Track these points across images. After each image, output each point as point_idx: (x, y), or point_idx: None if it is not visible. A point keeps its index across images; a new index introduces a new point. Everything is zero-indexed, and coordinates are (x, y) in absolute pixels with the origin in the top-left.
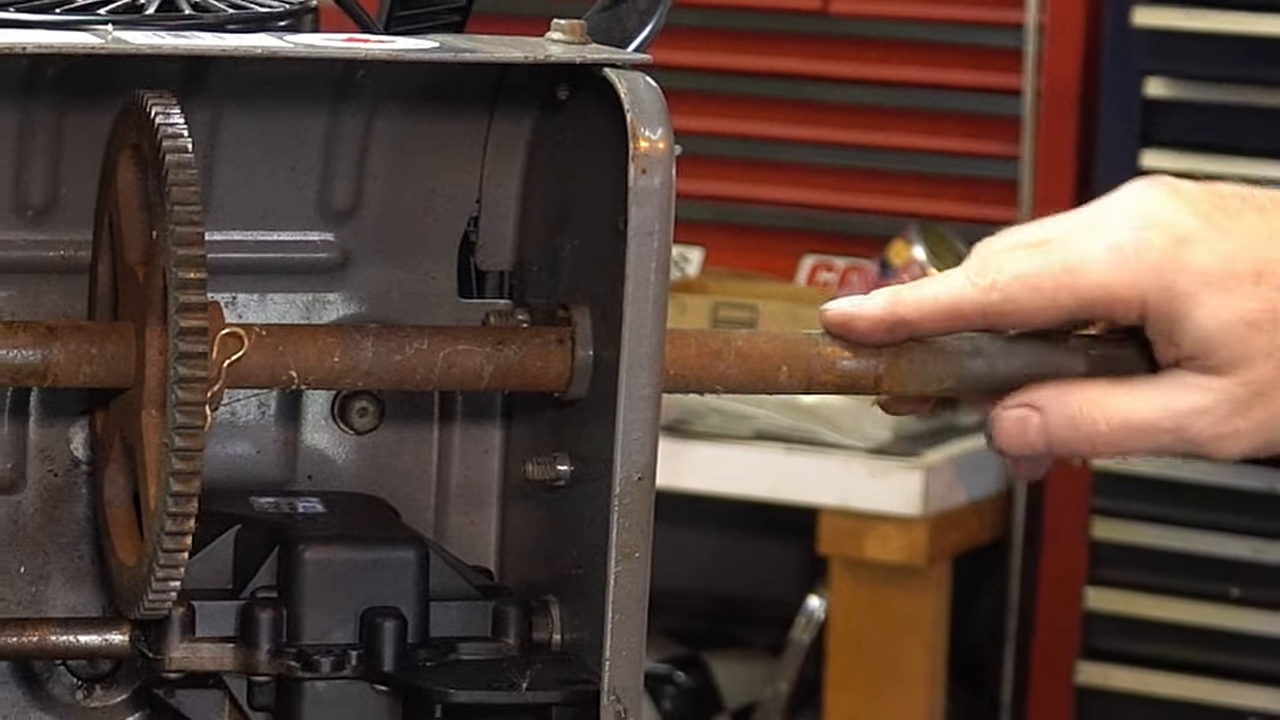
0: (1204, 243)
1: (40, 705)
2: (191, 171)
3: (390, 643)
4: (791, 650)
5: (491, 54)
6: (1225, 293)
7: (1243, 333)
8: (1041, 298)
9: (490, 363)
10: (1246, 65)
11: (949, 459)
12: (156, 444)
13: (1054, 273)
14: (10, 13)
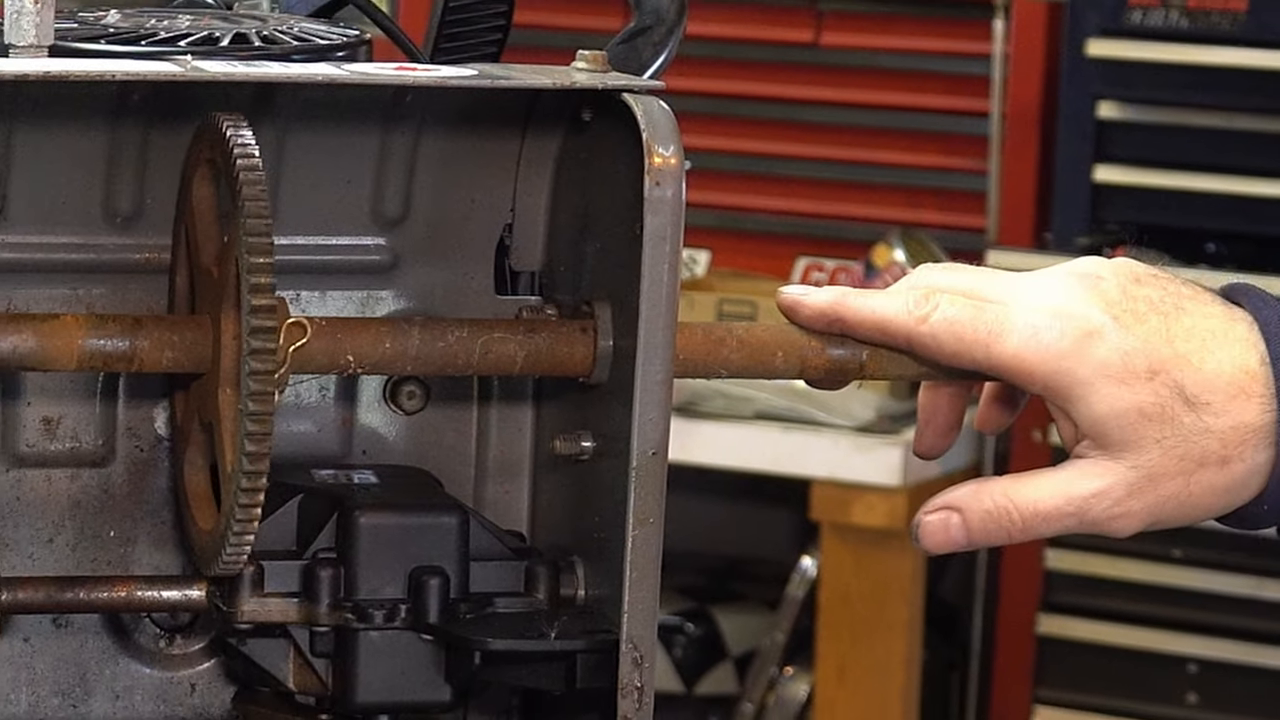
0: (1108, 340)
1: (128, 653)
2: (261, 181)
3: (435, 598)
4: (787, 604)
5: (524, 81)
6: (1121, 385)
7: (1135, 420)
8: (961, 347)
9: (522, 350)
10: (1187, 91)
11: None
12: (232, 419)
13: (978, 331)
14: (103, 44)
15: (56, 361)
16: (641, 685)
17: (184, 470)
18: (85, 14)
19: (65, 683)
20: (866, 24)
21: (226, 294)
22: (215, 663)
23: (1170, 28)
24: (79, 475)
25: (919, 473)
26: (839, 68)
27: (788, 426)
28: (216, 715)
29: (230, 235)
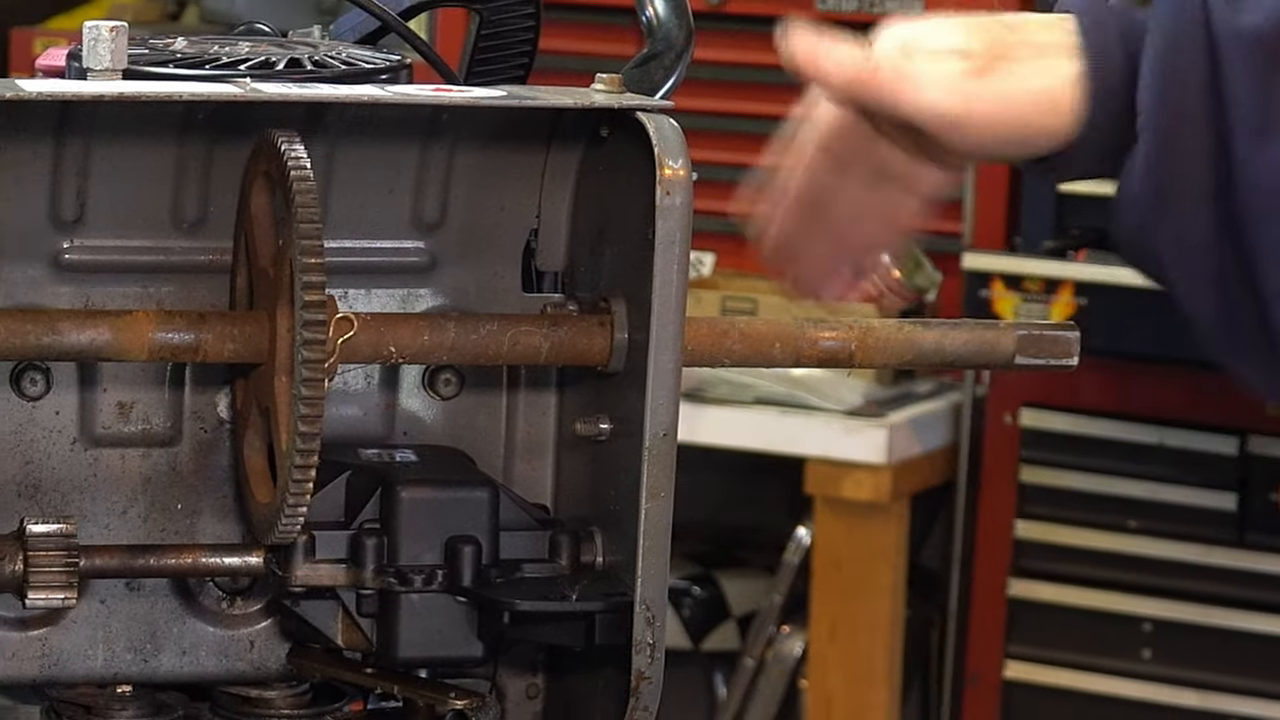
0: None
1: (193, 613)
2: (312, 191)
3: (469, 563)
4: (784, 569)
5: (548, 100)
6: None
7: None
8: None
9: (547, 342)
10: None
11: (908, 419)
12: (286, 404)
13: None
14: (171, 68)
15: (129, 353)
16: (653, 642)
17: (244, 450)
18: (155, 41)
19: (137, 640)
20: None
21: (281, 292)
22: (271, 622)
23: None
24: (150, 454)
25: (902, 452)
26: None
27: (784, 410)
28: (273, 669)
29: (285, 239)
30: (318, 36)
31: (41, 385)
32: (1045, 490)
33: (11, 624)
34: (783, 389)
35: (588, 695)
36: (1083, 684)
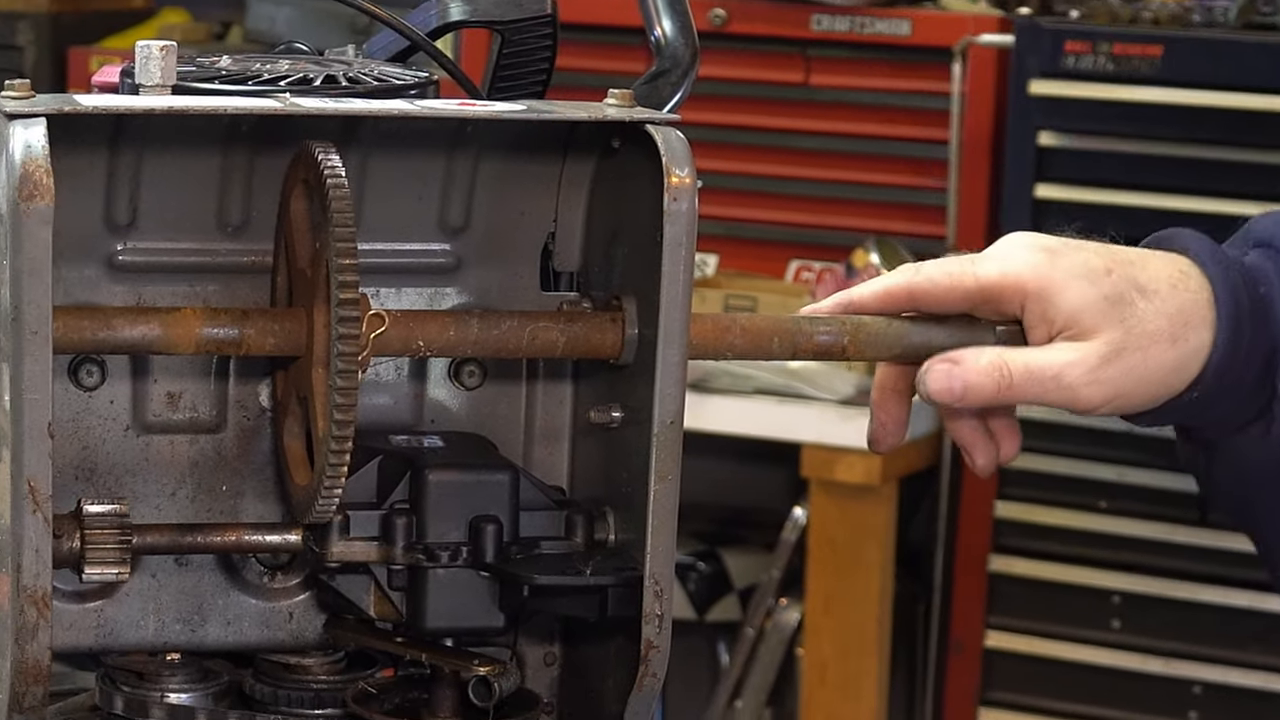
0: (1068, 252)
1: (237, 587)
2: (347, 197)
3: (491, 541)
4: (782, 546)
5: (565, 114)
6: (1087, 281)
7: (1103, 307)
8: (951, 280)
9: (563, 337)
10: (1113, 122)
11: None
12: (323, 394)
13: (963, 263)
14: (216, 84)
15: (178, 346)
16: (661, 613)
17: (284, 436)
18: (202, 59)
19: (185, 611)
20: (847, 67)
21: (318, 291)
22: (309, 595)
23: (1099, 70)
24: (197, 440)
25: None
26: (825, 103)
27: (782, 399)
28: (310, 639)
29: (321, 242)
30: (352, 55)
31: (97, 377)
32: (1023, 474)
33: (70, 597)
34: (781, 380)
35: (601, 662)
36: (1057, 652)
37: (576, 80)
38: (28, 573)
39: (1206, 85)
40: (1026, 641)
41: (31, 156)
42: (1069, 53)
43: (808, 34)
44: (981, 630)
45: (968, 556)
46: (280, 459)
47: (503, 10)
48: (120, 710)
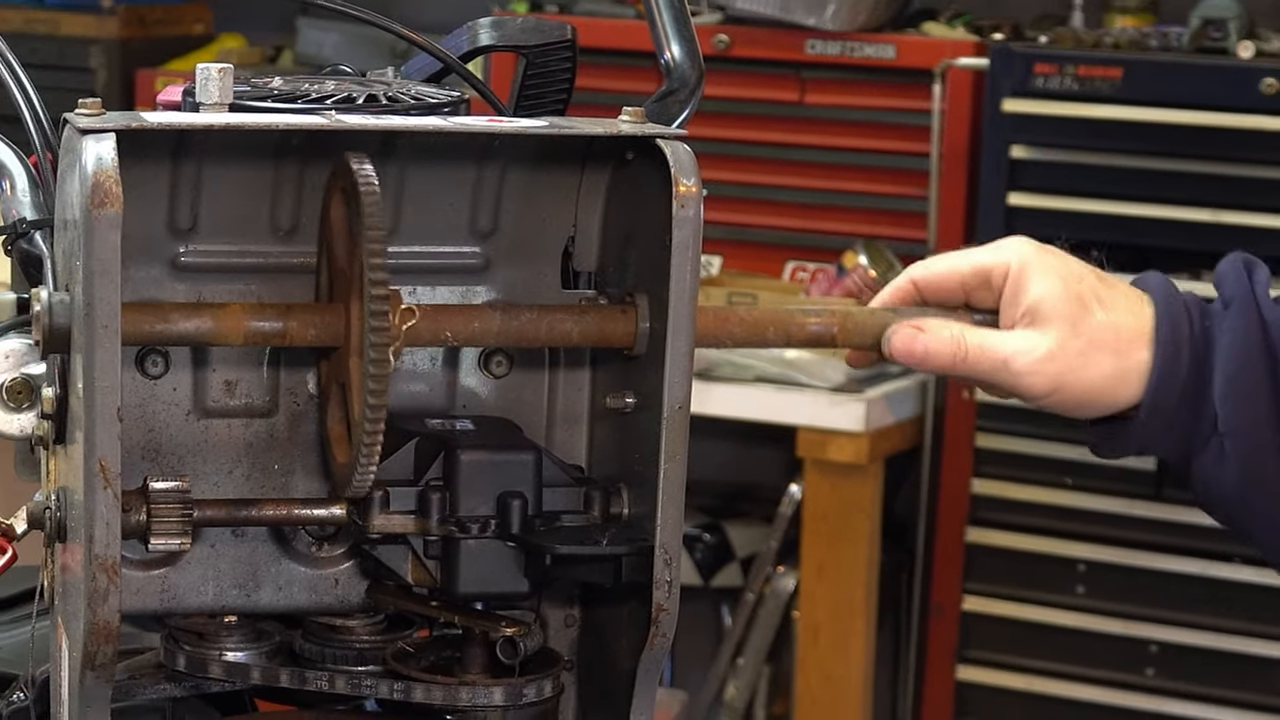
0: (1056, 254)
1: (288, 556)
2: (379, 204)
3: (517, 515)
4: (779, 519)
5: (583, 129)
6: (1060, 279)
7: (1064, 304)
8: (948, 265)
9: (580, 329)
10: (1078, 137)
11: (883, 394)
12: (359, 380)
13: (956, 253)
14: (269, 103)
15: (228, 338)
16: (670, 580)
17: (326, 419)
18: (256, 80)
19: (241, 578)
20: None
21: (354, 288)
22: (353, 563)
23: (1065, 90)
24: (251, 424)
25: (877, 422)
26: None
27: (779, 387)
28: (354, 603)
29: (356, 243)
30: (391, 76)
31: (161, 366)
32: (997, 453)
33: (137, 565)
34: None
35: (616, 624)
36: (1027, 614)
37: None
38: (99, 543)
39: (1162, 103)
40: (1000, 605)
41: (102, 168)
42: (1038, 74)
43: (802, 57)
44: (959, 595)
45: (947, 528)
46: (324, 440)
47: (527, 36)
48: (182, 667)
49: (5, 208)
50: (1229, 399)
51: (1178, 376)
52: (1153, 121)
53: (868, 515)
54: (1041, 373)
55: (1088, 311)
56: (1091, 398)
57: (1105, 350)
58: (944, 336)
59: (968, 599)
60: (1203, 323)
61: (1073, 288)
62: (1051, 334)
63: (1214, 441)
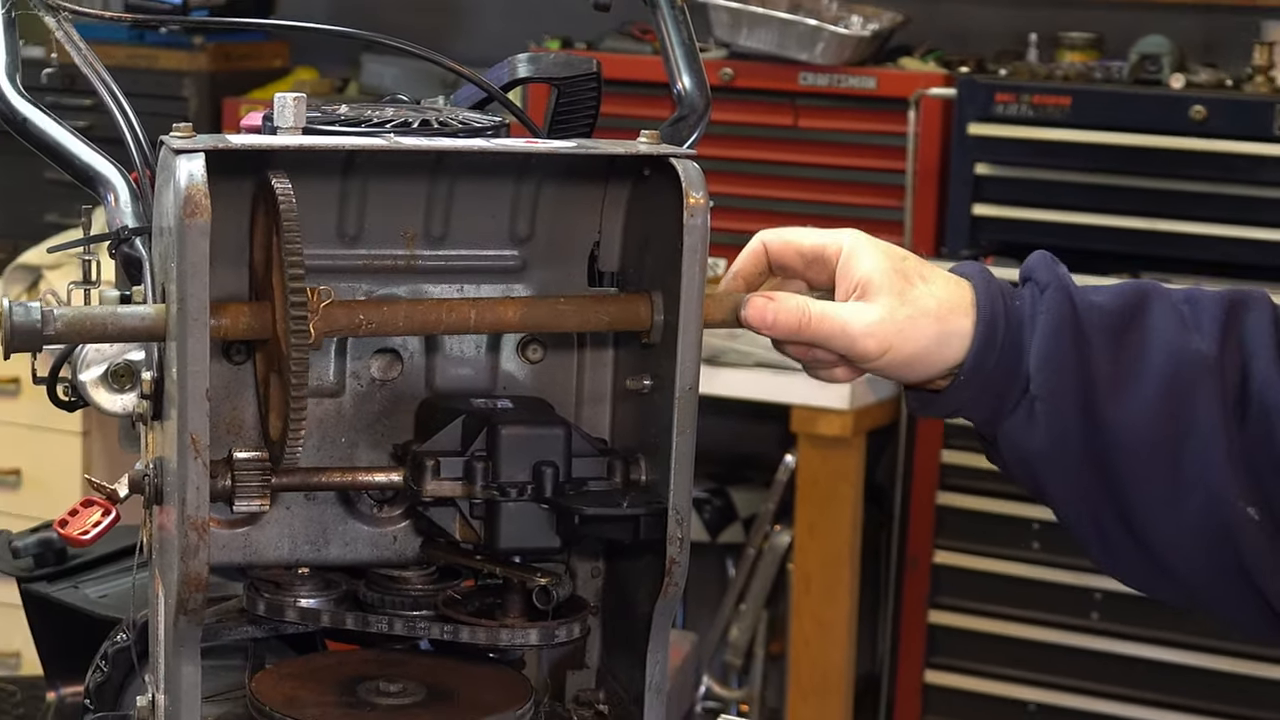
0: (882, 243)
1: (353, 516)
2: (295, 217)
3: (549, 481)
4: (776, 485)
5: (607, 149)
6: (885, 256)
7: (890, 277)
8: (793, 235)
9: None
10: (1033, 156)
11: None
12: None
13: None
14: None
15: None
16: (682, 537)
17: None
18: (325, 107)
19: (312, 535)
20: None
21: (277, 287)
22: (408, 523)
23: (1021, 115)
24: (321, 403)
25: (860, 401)
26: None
27: (776, 371)
28: (409, 557)
29: (278, 248)
30: (442, 104)
31: (244, 354)
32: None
33: (222, 524)
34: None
35: (635, 574)
36: (990, 567)
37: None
38: (190, 505)
39: (1105, 127)
40: (966, 559)
41: (193, 183)
42: (999, 102)
43: (796, 87)
44: (931, 550)
45: (920, 493)
46: (263, 418)
47: (559, 69)
48: (262, 612)
49: (110, 217)
50: (1042, 368)
51: (995, 343)
52: (1097, 143)
53: (852, 481)
54: (875, 335)
55: (911, 285)
56: (918, 359)
57: (930, 317)
58: (790, 305)
59: (938, 553)
60: (1014, 302)
61: (897, 265)
62: (881, 303)
63: (1024, 404)
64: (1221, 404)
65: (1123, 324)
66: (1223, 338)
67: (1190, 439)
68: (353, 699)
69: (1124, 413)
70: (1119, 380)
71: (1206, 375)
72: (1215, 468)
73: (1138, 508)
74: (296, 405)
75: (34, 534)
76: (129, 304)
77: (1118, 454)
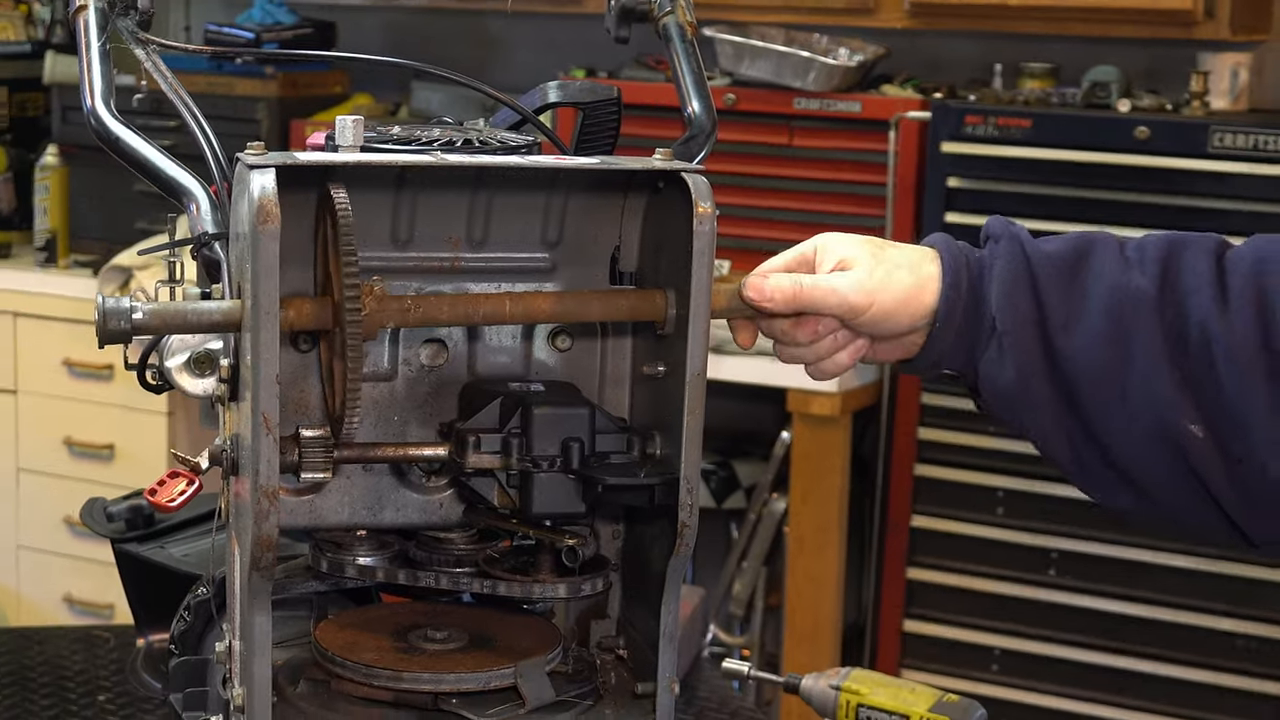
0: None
1: (404, 485)
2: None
3: (576, 454)
4: (774, 459)
5: (626, 165)
6: (856, 239)
7: (864, 250)
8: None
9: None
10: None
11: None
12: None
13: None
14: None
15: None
16: (692, 503)
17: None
18: (380, 128)
19: (369, 502)
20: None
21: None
22: (453, 491)
23: (988, 135)
24: (377, 386)
25: (847, 384)
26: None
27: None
28: (454, 520)
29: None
30: (482, 125)
31: (310, 343)
32: (938, 409)
33: (291, 492)
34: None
35: (650, 536)
36: (961, 530)
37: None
38: (262, 476)
39: (1062, 145)
40: (940, 523)
41: (265, 194)
42: (968, 124)
43: (791, 111)
44: (909, 515)
45: (900, 465)
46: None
47: (584, 95)
48: (325, 569)
49: (192, 224)
50: (1003, 307)
51: (961, 289)
52: (1054, 159)
53: (840, 455)
54: (860, 289)
55: (882, 250)
56: (899, 306)
57: (903, 269)
58: (784, 279)
59: (916, 518)
60: (974, 255)
61: (865, 241)
62: (861, 265)
63: (992, 342)
64: (1163, 334)
65: (1070, 267)
66: (1162, 275)
67: (1135, 365)
68: (404, 645)
69: (1075, 344)
70: (1069, 315)
71: (1147, 309)
72: (1160, 390)
73: (1098, 428)
74: (353, 387)
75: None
76: (209, 300)
77: (1076, 381)
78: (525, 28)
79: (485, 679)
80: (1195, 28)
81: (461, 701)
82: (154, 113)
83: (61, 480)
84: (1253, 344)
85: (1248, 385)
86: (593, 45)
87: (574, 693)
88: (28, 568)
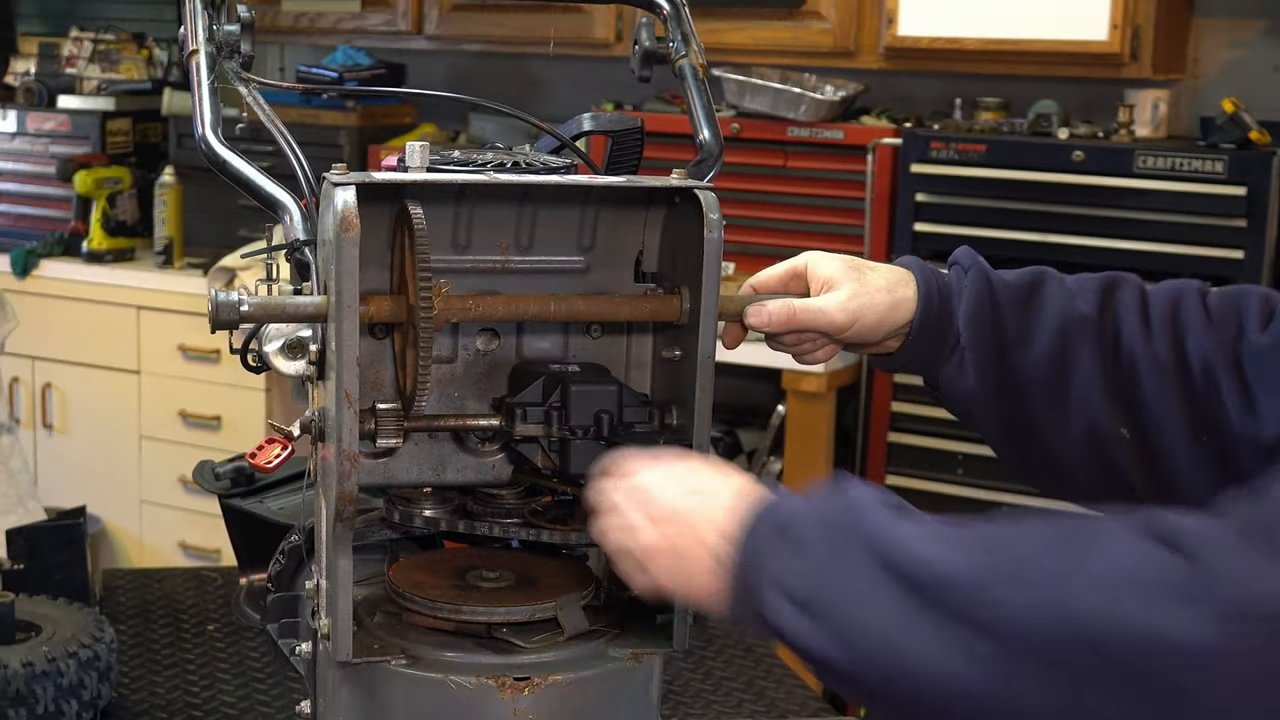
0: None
1: (463, 450)
2: (425, 234)
3: (607, 424)
4: (771, 428)
5: (648, 183)
6: (839, 260)
7: (846, 271)
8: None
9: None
10: (958, 188)
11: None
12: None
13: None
14: (451, 166)
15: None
16: None
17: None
18: (443, 152)
19: (433, 463)
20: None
21: (410, 284)
22: (504, 455)
23: (950, 158)
24: (440, 367)
25: (832, 365)
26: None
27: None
28: (504, 479)
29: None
30: (528, 150)
31: (384, 332)
32: (909, 386)
33: (368, 456)
34: None
35: None
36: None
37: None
38: (345, 442)
39: (1011, 167)
40: (910, 482)
41: (347, 207)
42: (934, 148)
43: (785, 138)
44: (884, 476)
45: (876, 434)
46: (398, 376)
47: (613, 124)
48: (397, 520)
49: (286, 232)
50: (969, 325)
51: (933, 309)
52: (1005, 178)
53: (826, 425)
54: (845, 310)
55: (863, 273)
56: (879, 324)
57: (882, 291)
58: (778, 305)
59: (889, 478)
60: (944, 279)
61: (850, 263)
62: (845, 288)
63: (956, 354)
64: (1100, 352)
65: (1025, 295)
66: (1101, 304)
67: (1075, 377)
68: (462, 583)
69: (1027, 358)
70: (1023, 334)
71: (1088, 331)
72: (1094, 399)
73: (1041, 431)
74: (423, 369)
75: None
76: (301, 295)
77: (1025, 390)
78: (564, 69)
79: (530, 611)
80: (1123, 68)
81: (510, 630)
82: (254, 139)
83: (177, 446)
84: (1168, 363)
85: (1164, 396)
86: (620, 83)
87: (604, 623)
88: (148, 519)
